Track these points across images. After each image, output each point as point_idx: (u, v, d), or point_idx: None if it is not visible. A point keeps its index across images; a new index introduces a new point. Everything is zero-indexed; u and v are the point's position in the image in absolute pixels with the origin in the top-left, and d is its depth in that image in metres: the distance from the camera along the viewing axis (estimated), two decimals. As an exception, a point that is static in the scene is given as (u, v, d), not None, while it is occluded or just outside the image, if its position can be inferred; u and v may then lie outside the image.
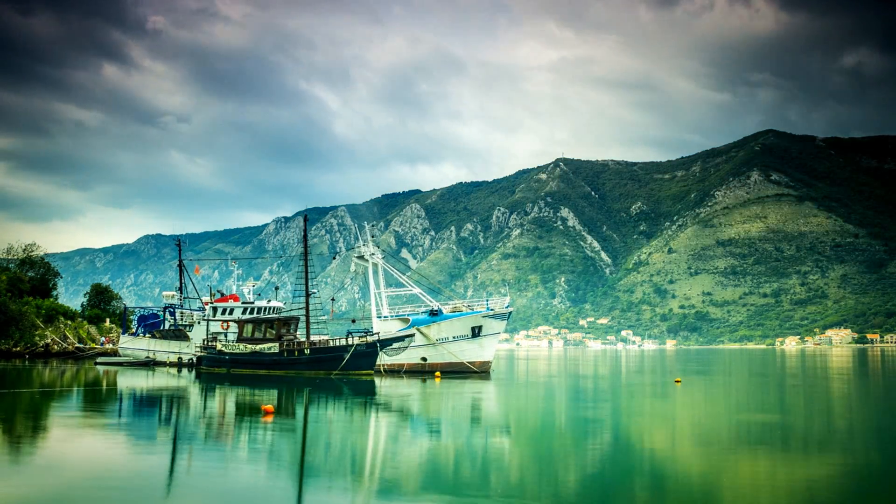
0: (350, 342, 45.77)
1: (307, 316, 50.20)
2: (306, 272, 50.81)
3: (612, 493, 12.37)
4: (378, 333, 47.73)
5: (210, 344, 51.43)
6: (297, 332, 50.45)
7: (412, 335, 48.23)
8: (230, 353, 48.85)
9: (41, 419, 22.33)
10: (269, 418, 20.11)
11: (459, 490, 12.42)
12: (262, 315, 53.07)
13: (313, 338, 50.28)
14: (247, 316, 53.07)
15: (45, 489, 11.95)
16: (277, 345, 47.06)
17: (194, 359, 55.42)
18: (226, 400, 29.94)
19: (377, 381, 40.72)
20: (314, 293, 51.16)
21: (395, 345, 47.05)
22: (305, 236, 55.19)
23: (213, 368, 49.59)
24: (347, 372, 44.59)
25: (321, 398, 30.77)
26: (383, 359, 48.26)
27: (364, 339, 46.07)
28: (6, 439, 17.50)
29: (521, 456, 16.04)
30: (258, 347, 47.58)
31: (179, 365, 57.34)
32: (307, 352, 46.49)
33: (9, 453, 15.39)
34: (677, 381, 40.09)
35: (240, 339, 49.71)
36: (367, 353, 45.08)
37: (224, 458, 15.25)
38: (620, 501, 11.77)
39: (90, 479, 12.86)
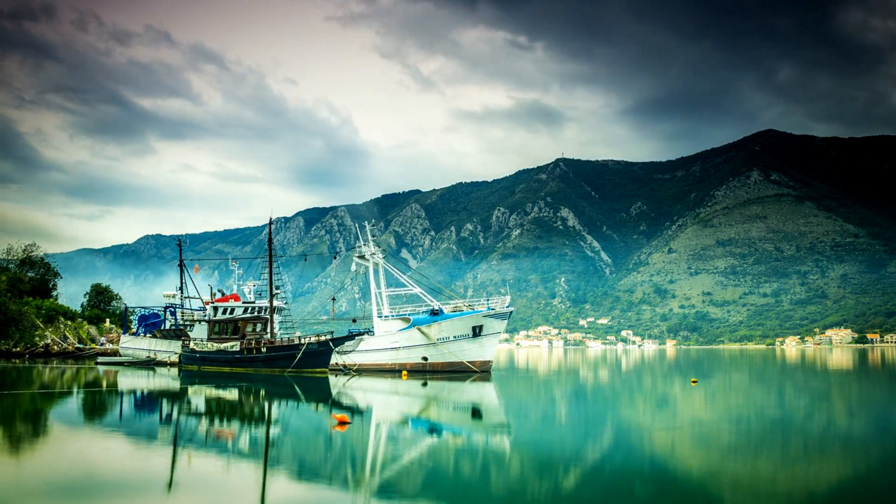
0: (302, 341, 47.40)
1: (271, 314, 51.61)
2: (270, 273, 52.42)
3: (613, 493, 12.30)
4: (332, 333, 49.53)
5: (186, 343, 54.29)
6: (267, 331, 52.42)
7: (363, 335, 49.66)
8: (200, 351, 51.57)
9: (41, 419, 22.24)
10: (343, 428, 19.33)
11: (459, 490, 12.35)
12: (231, 315, 54.23)
13: (279, 337, 51.82)
14: (220, 316, 54.21)
15: (48, 489, 11.86)
16: (238, 343, 49.47)
17: None
18: (200, 398, 29.87)
19: (331, 379, 41.29)
20: (279, 293, 52.42)
21: (347, 344, 48.12)
22: (270, 238, 56.59)
23: (188, 366, 52.13)
24: (301, 370, 45.91)
25: (281, 397, 30.71)
26: (368, 357, 48.90)
27: (318, 338, 47.67)
28: (6, 439, 17.41)
29: (522, 456, 15.96)
30: (223, 346, 50.17)
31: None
32: (264, 350, 48.25)
33: (9, 453, 15.31)
34: (693, 382, 40.12)
35: (209, 338, 52.13)
36: (319, 352, 46.34)
37: (220, 458, 15.17)
38: (621, 501, 11.69)
39: (92, 477, 12.78)
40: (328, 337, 47.45)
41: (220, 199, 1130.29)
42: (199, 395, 31.88)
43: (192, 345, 52.80)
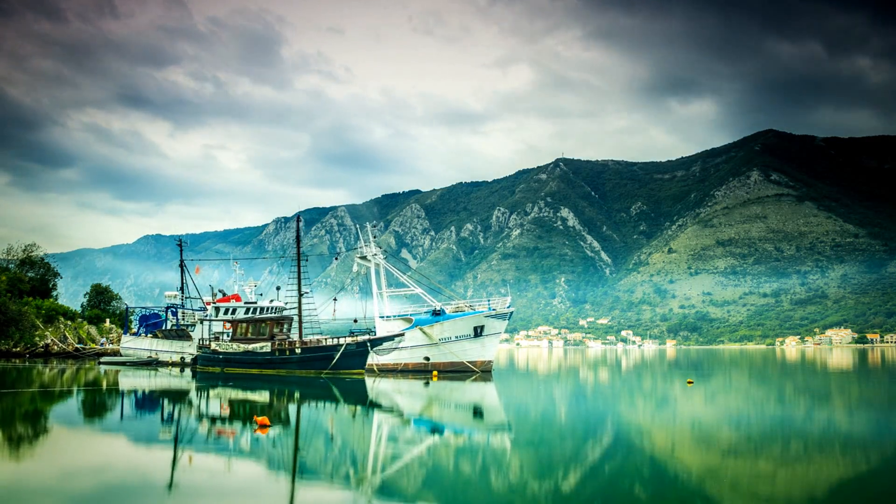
0: (341, 342, 46.24)
1: (300, 316, 50.82)
2: (299, 273, 51.75)
3: (613, 493, 12.33)
4: (370, 333, 48.61)
5: (205, 343, 52.40)
6: (292, 332, 51.53)
7: (402, 335, 48.81)
8: (224, 352, 49.88)
9: (41, 419, 22.27)
10: (265, 431, 18.61)
11: (460, 489, 12.38)
12: (258, 315, 53.59)
13: (308, 337, 50.87)
14: (242, 316, 53.63)
15: (47, 488, 11.90)
16: (269, 344, 47.97)
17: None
18: (221, 400, 29.89)
19: (368, 381, 40.76)
20: (307, 293, 51.62)
21: (385, 344, 47.49)
22: (298, 237, 55.53)
23: (207, 368, 50.39)
24: (338, 371, 45.13)
25: (318, 399, 30.73)
26: (376, 358, 48.59)
27: (355, 338, 46.61)
28: (7, 439, 17.44)
29: (522, 456, 15.99)
30: (251, 347, 48.63)
31: (182, 365, 57.37)
32: (298, 351, 47.13)
33: (9, 453, 15.34)
34: (689, 383, 40.11)
35: (234, 339, 50.72)
36: (357, 353, 45.52)
37: (224, 458, 15.21)
38: (621, 501, 11.72)
39: (90, 477, 12.81)
40: (366, 337, 46.62)
41: (231, 193, 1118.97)
42: (233, 398, 31.89)
43: (213, 346, 51.00)
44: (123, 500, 11.23)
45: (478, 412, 25.75)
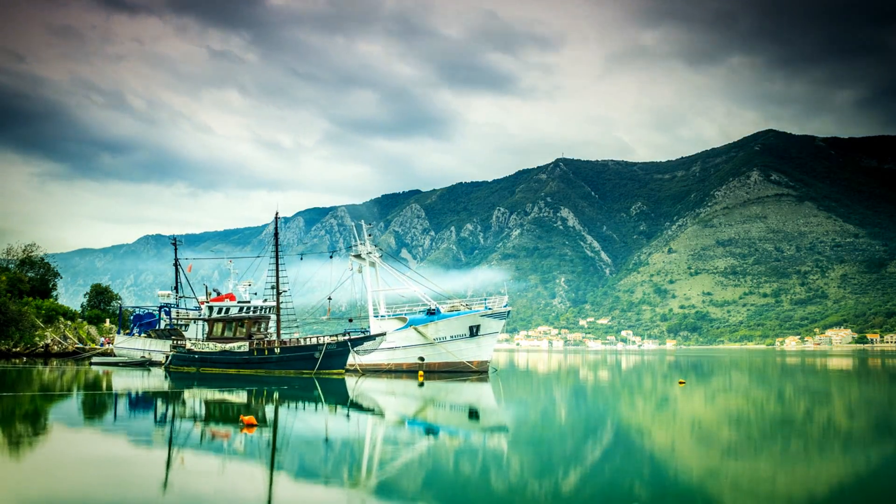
0: (321, 341, 45.58)
1: (278, 315, 50.06)
2: (277, 269, 51.01)
3: (613, 493, 12.19)
4: (350, 333, 48.14)
5: (180, 342, 51.11)
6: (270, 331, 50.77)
7: (384, 335, 48.11)
8: (199, 351, 48.71)
9: (39, 421, 22.14)
10: (252, 430, 18.52)
11: (459, 491, 12.24)
12: (236, 314, 53.10)
13: (287, 336, 50.25)
14: (219, 315, 52.81)
15: (43, 490, 11.76)
16: (247, 343, 47.00)
17: None
18: (202, 402, 29.74)
19: (348, 381, 40.25)
20: (285, 292, 51.11)
21: (366, 344, 46.72)
22: (276, 235, 54.82)
23: (181, 367, 49.15)
24: (319, 371, 44.62)
25: (299, 400, 30.56)
26: (368, 358, 48.14)
27: (335, 338, 45.95)
28: (4, 441, 17.30)
29: (520, 458, 15.84)
30: (228, 346, 47.58)
31: None
32: (277, 351, 46.34)
33: (8, 454, 15.20)
34: (681, 383, 39.92)
35: (210, 338, 49.75)
36: (337, 353, 44.94)
37: (218, 459, 15.06)
38: (621, 501, 11.58)
39: (86, 478, 12.68)
40: (346, 337, 46.10)
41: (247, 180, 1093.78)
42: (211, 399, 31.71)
43: (188, 345, 49.91)
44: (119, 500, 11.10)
45: (474, 413, 25.58)
